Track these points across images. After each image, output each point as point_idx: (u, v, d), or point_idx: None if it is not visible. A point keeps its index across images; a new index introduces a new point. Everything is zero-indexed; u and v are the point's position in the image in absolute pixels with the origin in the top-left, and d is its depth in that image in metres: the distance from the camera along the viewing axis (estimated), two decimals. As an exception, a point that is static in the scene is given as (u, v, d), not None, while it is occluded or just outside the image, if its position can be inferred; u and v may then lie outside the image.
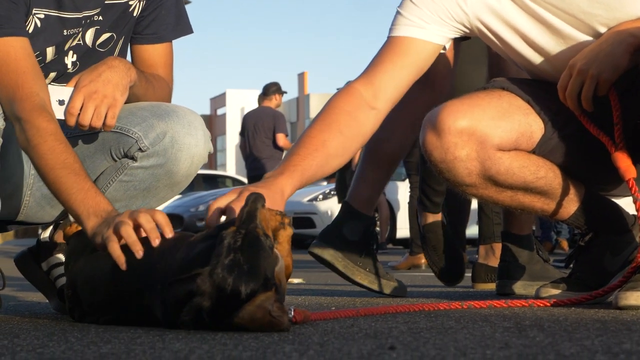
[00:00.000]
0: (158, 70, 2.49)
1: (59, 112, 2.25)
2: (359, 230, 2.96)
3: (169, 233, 1.98)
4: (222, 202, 2.07)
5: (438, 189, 3.69)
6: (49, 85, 2.27)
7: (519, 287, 3.06)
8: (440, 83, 3.03)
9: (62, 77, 2.40)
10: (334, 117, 2.37)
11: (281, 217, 1.96)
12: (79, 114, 2.24)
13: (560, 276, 2.83)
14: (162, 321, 1.90)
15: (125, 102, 2.31)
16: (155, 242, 1.95)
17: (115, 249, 1.96)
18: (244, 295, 1.76)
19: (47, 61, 2.36)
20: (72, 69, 2.40)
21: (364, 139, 2.43)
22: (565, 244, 10.55)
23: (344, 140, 2.35)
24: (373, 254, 2.99)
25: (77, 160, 2.14)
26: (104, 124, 2.25)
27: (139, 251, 1.93)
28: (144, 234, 1.97)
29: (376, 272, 2.97)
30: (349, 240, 2.94)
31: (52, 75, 2.38)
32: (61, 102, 2.26)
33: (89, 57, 2.42)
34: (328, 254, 2.92)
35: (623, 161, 2.28)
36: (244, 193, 2.07)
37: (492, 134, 2.38)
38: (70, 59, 2.40)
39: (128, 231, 1.95)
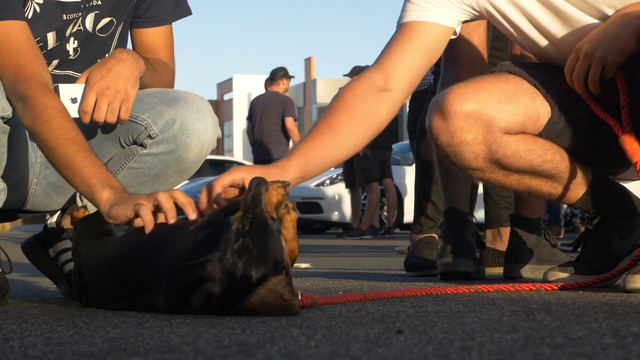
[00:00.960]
0: (160, 54, 2.49)
1: (72, 111, 2.25)
2: (475, 232, 3.19)
3: (192, 214, 2.00)
4: (217, 186, 2.08)
5: (438, 204, 3.71)
6: (60, 85, 2.27)
7: (526, 270, 3.06)
8: (482, 65, 3.07)
9: (65, 64, 2.40)
10: (340, 102, 2.36)
11: (283, 188, 1.94)
12: (93, 111, 2.25)
13: (568, 260, 2.83)
14: (163, 309, 1.90)
15: None
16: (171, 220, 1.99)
17: (147, 214, 1.97)
18: (254, 279, 1.76)
19: (48, 48, 2.36)
20: (74, 56, 2.40)
21: (378, 120, 2.37)
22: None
23: (351, 121, 2.32)
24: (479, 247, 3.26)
25: (85, 140, 2.15)
26: (118, 118, 2.26)
27: (173, 218, 1.98)
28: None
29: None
30: (473, 246, 3.17)
31: (55, 62, 2.38)
32: (74, 100, 2.26)
33: (90, 43, 2.42)
34: (465, 266, 3.07)
35: (630, 144, 2.28)
36: (234, 173, 2.08)
37: (499, 118, 2.37)
38: (71, 46, 2.40)
39: (167, 198, 1.98)
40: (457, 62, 3.15)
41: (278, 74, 10.90)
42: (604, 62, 2.26)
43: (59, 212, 2.55)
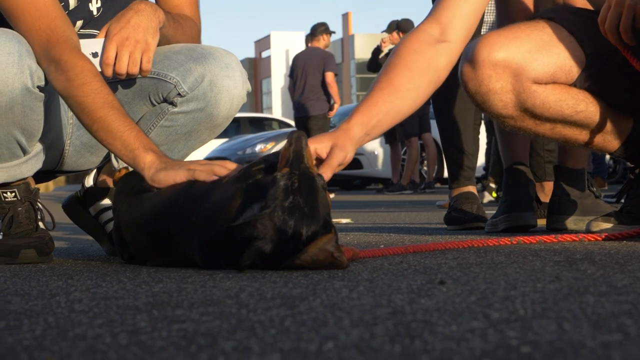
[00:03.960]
0: (183, 10, 2.47)
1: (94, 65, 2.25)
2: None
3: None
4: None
5: (468, 151, 3.69)
6: (81, 40, 2.27)
7: (570, 222, 3.03)
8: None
9: (90, 24, 2.40)
10: (399, 57, 2.29)
11: None
12: (115, 63, 2.25)
13: (612, 211, 2.80)
14: (201, 264, 1.91)
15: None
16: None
17: (207, 178, 1.99)
18: (304, 237, 1.75)
19: (70, 8, 2.35)
20: (97, 14, 2.40)
21: (437, 73, 2.31)
22: None
23: (411, 75, 2.25)
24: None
25: (121, 105, 2.15)
26: (140, 69, 2.26)
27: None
28: None
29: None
30: (540, 201, 3.18)
31: (79, 23, 2.38)
32: (95, 55, 2.26)
33: (113, 1, 2.41)
34: (527, 220, 3.06)
35: None
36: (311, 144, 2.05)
37: (528, 67, 2.35)
38: (94, 5, 2.39)
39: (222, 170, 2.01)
40: (510, 18, 3.08)
41: (318, 30, 10.83)
42: (634, 11, 2.21)
43: (95, 170, 2.56)
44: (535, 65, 2.35)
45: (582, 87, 2.40)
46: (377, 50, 11.14)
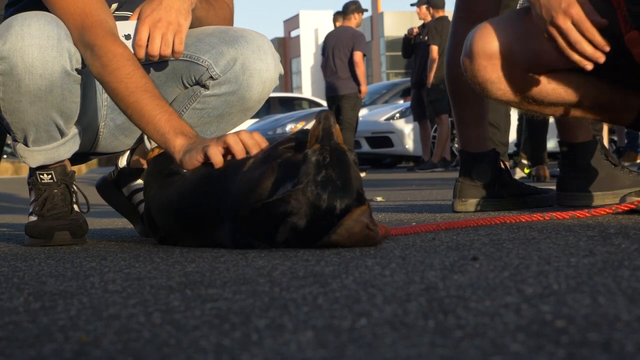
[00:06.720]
0: None
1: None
2: (486, 170, 2.99)
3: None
4: None
5: (499, 126, 3.63)
6: None
7: (579, 197, 2.97)
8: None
9: (124, 7, 2.40)
10: None
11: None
12: (147, 45, 2.25)
13: (637, 179, 2.77)
14: (230, 245, 1.91)
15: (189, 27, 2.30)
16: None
17: (216, 154, 1.99)
18: (338, 211, 1.76)
19: None
20: None
21: None
22: None
23: None
24: (509, 181, 3.03)
25: (155, 87, 2.15)
26: (172, 51, 2.26)
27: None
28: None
29: (521, 194, 3.00)
30: (483, 185, 2.98)
31: (114, 6, 2.38)
32: (127, 37, 2.26)
33: None
34: (471, 206, 2.95)
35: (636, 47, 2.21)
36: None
37: (523, 57, 2.35)
38: None
39: (236, 140, 2.00)
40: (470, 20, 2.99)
41: (350, 8, 10.77)
42: None
43: (129, 151, 2.58)
44: (530, 55, 2.35)
45: (584, 71, 2.36)
46: (407, 38, 11.11)
